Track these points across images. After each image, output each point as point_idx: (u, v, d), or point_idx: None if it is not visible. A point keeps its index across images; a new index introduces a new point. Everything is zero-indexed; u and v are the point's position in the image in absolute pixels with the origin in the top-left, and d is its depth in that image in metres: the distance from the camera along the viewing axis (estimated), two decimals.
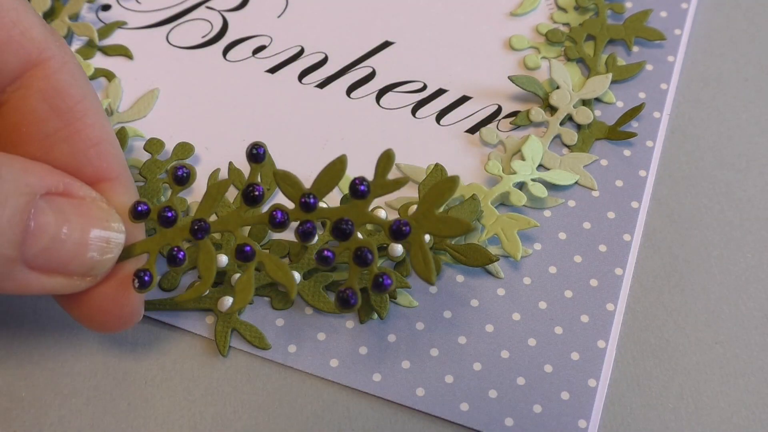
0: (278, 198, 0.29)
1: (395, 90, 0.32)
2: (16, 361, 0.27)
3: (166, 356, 0.27)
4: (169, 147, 0.30)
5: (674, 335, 0.27)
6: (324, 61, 0.33)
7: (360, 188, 0.22)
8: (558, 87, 0.31)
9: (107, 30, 0.33)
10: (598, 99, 0.32)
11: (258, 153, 0.23)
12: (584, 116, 0.31)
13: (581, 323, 0.27)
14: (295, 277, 0.27)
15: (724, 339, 0.27)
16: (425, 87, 0.32)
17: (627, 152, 0.30)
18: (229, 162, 0.29)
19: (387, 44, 0.33)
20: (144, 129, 0.31)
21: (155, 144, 0.30)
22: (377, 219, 0.23)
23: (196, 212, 0.23)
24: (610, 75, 0.31)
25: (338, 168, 0.22)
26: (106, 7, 0.34)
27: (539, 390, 0.26)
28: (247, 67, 0.33)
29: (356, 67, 0.32)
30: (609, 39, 0.33)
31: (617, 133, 0.30)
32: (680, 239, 0.29)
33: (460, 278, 0.28)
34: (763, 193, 0.30)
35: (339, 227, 0.22)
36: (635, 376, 0.27)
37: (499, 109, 0.31)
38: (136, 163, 0.30)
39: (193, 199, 0.29)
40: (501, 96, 0.32)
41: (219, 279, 0.27)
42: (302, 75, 0.32)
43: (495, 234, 0.28)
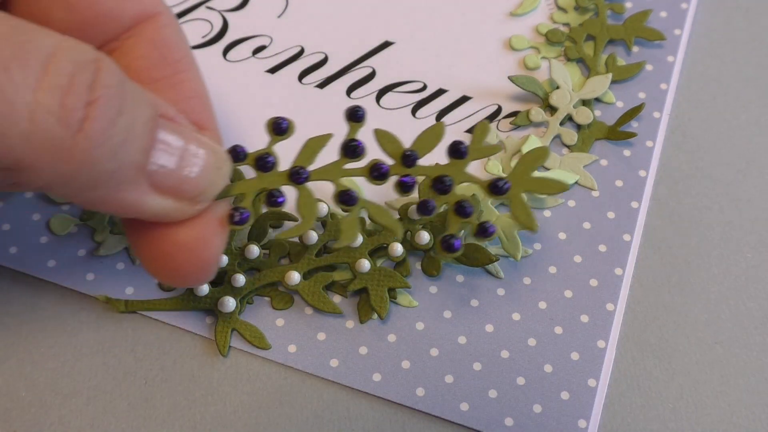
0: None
1: (395, 90, 0.32)
2: (16, 361, 0.27)
3: (166, 356, 0.27)
4: None
5: (674, 335, 0.27)
6: (324, 61, 0.33)
7: (461, 147, 0.24)
8: (558, 87, 0.31)
9: None
10: (598, 99, 0.32)
11: (358, 113, 0.24)
12: (584, 116, 0.31)
13: (581, 323, 0.27)
14: (295, 278, 0.27)
15: (724, 339, 0.27)
16: (425, 87, 0.32)
17: (627, 152, 0.30)
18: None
19: (387, 44, 0.33)
20: None
21: None
22: (474, 177, 0.24)
23: (295, 161, 0.24)
24: (610, 75, 0.31)
25: (437, 132, 0.24)
26: None
27: (539, 390, 0.26)
28: (247, 67, 0.33)
29: (356, 67, 0.32)
30: (609, 39, 0.33)
31: (617, 133, 0.30)
32: (680, 239, 0.29)
33: (460, 278, 0.28)
34: (763, 193, 0.30)
35: (440, 182, 0.24)
36: (635, 376, 0.27)
37: (499, 109, 0.31)
38: None
39: None
40: (501, 96, 0.32)
41: (219, 279, 0.27)
42: (302, 75, 0.32)
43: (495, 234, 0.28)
